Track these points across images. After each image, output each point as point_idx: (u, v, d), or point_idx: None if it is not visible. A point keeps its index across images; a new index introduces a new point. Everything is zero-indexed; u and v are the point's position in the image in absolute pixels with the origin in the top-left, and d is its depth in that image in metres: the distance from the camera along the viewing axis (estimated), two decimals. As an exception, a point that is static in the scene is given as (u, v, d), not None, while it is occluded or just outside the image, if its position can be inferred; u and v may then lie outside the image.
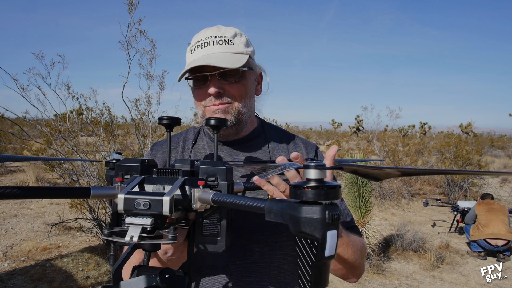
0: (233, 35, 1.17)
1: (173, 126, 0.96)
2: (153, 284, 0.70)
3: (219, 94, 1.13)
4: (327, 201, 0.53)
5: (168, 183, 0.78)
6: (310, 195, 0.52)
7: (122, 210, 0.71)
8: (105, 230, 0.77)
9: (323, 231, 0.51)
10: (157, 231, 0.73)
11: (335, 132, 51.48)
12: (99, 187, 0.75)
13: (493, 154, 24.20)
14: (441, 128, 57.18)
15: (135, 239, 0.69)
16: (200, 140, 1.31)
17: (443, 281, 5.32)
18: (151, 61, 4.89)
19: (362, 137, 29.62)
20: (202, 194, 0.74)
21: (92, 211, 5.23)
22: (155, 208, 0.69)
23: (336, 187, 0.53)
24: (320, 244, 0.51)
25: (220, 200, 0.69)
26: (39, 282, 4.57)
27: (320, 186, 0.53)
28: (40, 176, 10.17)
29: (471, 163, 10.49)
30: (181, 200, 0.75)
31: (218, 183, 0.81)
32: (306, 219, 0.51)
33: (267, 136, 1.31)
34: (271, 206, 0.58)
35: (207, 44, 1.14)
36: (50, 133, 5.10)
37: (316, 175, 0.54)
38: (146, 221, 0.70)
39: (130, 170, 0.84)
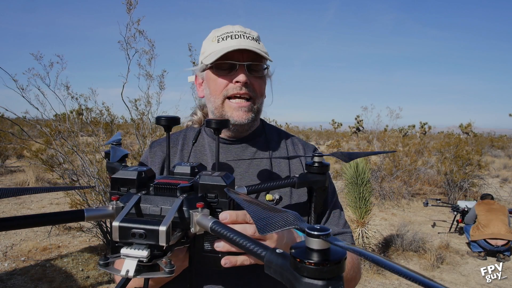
0: (257, 36, 1.22)
1: (171, 127, 0.94)
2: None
3: (246, 84, 1.14)
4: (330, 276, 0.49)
5: (165, 204, 0.75)
6: (312, 273, 0.48)
7: (117, 240, 0.68)
8: (101, 261, 0.74)
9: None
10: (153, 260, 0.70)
11: (335, 132, 51.48)
12: (93, 209, 0.73)
13: (493, 154, 24.19)
14: (441, 128, 57.19)
15: (130, 274, 0.67)
16: (201, 138, 1.30)
17: (443, 281, 5.32)
18: (150, 61, 4.89)
19: (362, 137, 29.62)
20: (201, 219, 0.71)
21: (92, 211, 5.22)
22: (150, 238, 0.67)
23: (341, 261, 0.49)
24: None
25: (219, 231, 0.66)
26: (39, 282, 4.57)
27: (324, 262, 0.48)
28: (40, 176, 10.17)
29: (471, 163, 10.48)
30: (179, 222, 0.72)
31: (219, 201, 0.78)
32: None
33: (267, 136, 1.32)
34: (271, 259, 0.54)
35: (237, 36, 1.16)
36: (50, 133, 5.10)
37: (319, 245, 0.48)
38: (143, 254, 0.67)
39: (127, 184, 0.81)
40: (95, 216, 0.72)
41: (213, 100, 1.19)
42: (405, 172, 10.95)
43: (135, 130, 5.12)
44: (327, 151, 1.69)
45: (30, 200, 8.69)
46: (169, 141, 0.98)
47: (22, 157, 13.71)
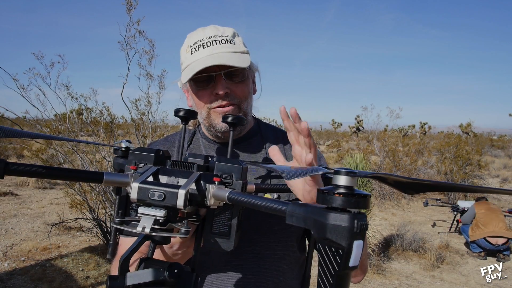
0: (232, 34, 1.16)
1: (189, 119, 0.95)
2: (161, 278, 0.68)
3: (226, 94, 1.11)
4: (355, 209, 0.51)
5: (183, 176, 0.76)
6: (340, 202, 0.50)
7: (135, 199, 0.69)
8: (116, 218, 0.75)
9: (350, 240, 0.49)
10: (169, 224, 0.71)
11: (335, 132, 51.47)
12: (113, 173, 0.73)
13: (493, 154, 24.19)
14: (441, 128, 57.20)
15: (147, 230, 0.67)
16: (196, 140, 1.30)
17: (443, 281, 5.32)
18: (151, 61, 4.90)
19: (362, 137, 29.62)
20: (217, 191, 0.72)
21: (92, 211, 5.23)
22: (169, 200, 0.68)
23: (367, 196, 0.51)
24: (346, 253, 0.49)
25: (237, 198, 0.66)
26: (39, 282, 4.57)
27: (351, 194, 0.51)
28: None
29: (471, 163, 10.48)
30: (196, 195, 0.73)
31: (233, 181, 0.80)
32: (333, 226, 0.49)
33: (263, 135, 1.30)
34: (293, 209, 0.56)
35: (210, 44, 1.11)
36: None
37: (346, 182, 0.52)
38: (160, 213, 0.68)
39: (144, 159, 0.82)
40: (113, 181, 0.73)
41: (200, 113, 1.17)
42: (405, 172, 10.95)
43: (135, 130, 5.12)
44: (327, 151, 1.70)
45: (30, 200, 8.69)
46: (185, 133, 0.97)
47: (22, 157, 13.72)
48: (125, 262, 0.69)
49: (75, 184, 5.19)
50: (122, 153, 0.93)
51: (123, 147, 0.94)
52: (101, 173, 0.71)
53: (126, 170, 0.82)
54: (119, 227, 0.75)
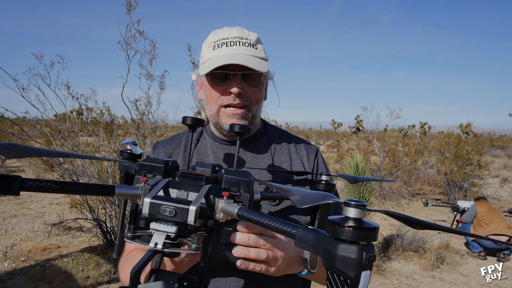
0: (256, 39, 1.19)
1: (196, 127, 0.97)
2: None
3: (239, 94, 1.14)
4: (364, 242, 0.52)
5: (192, 190, 0.78)
6: (350, 235, 0.51)
7: (147, 214, 0.70)
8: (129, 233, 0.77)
9: (358, 271, 0.50)
10: (179, 238, 0.73)
11: (335, 132, 51.48)
12: (124, 186, 0.75)
13: (493, 154, 24.19)
14: (441, 128, 57.18)
15: (159, 246, 0.69)
16: (203, 140, 1.31)
17: (443, 281, 5.33)
18: (151, 61, 4.89)
19: (362, 137, 29.61)
20: (226, 206, 0.74)
21: (92, 211, 5.23)
22: (180, 216, 0.69)
23: (376, 229, 0.53)
24: (354, 284, 0.51)
25: (246, 216, 0.68)
26: (39, 282, 4.57)
27: (360, 227, 0.52)
28: (40, 176, 10.17)
29: (471, 163, 10.48)
30: (205, 209, 0.75)
31: (241, 194, 0.81)
32: (342, 257, 0.51)
33: (269, 137, 1.32)
34: (303, 234, 0.57)
35: (233, 43, 1.14)
36: (50, 133, 5.10)
37: (355, 214, 0.53)
38: (171, 229, 0.70)
39: (153, 170, 0.83)
40: (124, 193, 0.74)
41: (209, 108, 1.20)
42: (405, 172, 10.95)
43: (135, 130, 5.12)
44: (327, 151, 1.70)
45: (30, 200, 8.69)
46: (192, 141, 0.99)
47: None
48: (136, 274, 0.71)
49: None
50: (128, 156, 0.94)
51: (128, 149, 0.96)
52: (113, 186, 0.73)
53: (136, 182, 0.83)
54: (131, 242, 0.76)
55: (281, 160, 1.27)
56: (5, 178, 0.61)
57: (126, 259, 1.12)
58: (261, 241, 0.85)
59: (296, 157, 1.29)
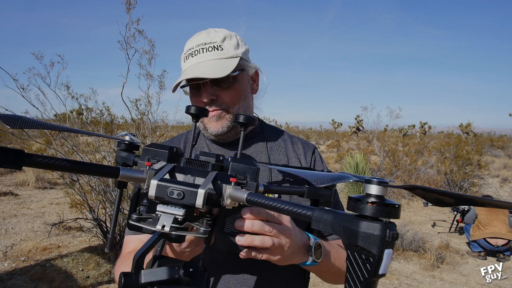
0: (222, 39, 1.18)
1: (200, 117, 0.94)
2: (176, 276, 0.67)
3: (212, 100, 1.15)
4: (387, 219, 0.51)
5: (199, 175, 0.76)
6: (373, 211, 0.51)
7: (153, 197, 0.68)
8: (134, 215, 0.74)
9: (381, 248, 0.49)
10: (186, 223, 0.71)
11: (335, 132, 51.50)
12: (129, 169, 0.73)
13: (493, 154, 24.20)
14: (441, 128, 57.17)
15: (167, 228, 0.67)
16: (200, 140, 1.32)
17: (443, 281, 5.32)
18: (151, 61, 4.89)
19: (362, 137, 29.61)
20: (234, 192, 0.71)
21: (92, 211, 5.23)
22: (188, 199, 0.67)
23: (398, 206, 0.52)
24: (376, 261, 0.50)
25: (256, 201, 0.65)
26: (39, 282, 4.57)
27: (383, 203, 0.51)
28: (40, 176, 10.17)
29: (471, 163, 10.48)
30: (212, 194, 0.73)
31: (247, 182, 0.79)
32: (365, 234, 0.50)
33: (265, 136, 1.31)
34: (320, 215, 0.56)
35: (197, 52, 1.16)
36: (50, 133, 5.10)
37: (378, 191, 0.52)
38: (179, 212, 0.68)
39: (157, 156, 0.81)
40: (129, 176, 0.72)
41: None
42: (405, 172, 10.95)
43: (135, 130, 5.12)
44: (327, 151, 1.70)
45: (30, 200, 8.69)
46: (195, 132, 0.97)
47: (22, 157, 13.72)
48: (140, 259, 0.68)
49: (75, 184, 5.19)
50: (125, 147, 0.92)
51: (126, 140, 0.93)
52: (118, 168, 0.71)
53: (139, 166, 0.81)
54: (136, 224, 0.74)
55: (278, 158, 1.27)
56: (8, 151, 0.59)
57: (124, 259, 1.12)
58: (267, 228, 0.83)
59: (293, 155, 1.29)
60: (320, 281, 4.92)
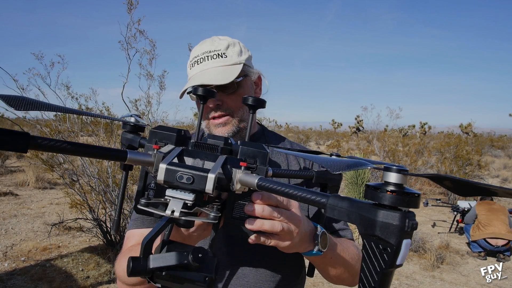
0: (226, 47, 1.22)
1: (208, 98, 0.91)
2: (185, 261, 0.65)
3: (218, 105, 1.19)
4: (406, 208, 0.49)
5: (208, 159, 0.74)
6: (392, 200, 0.49)
7: (162, 181, 0.66)
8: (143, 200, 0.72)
9: (400, 238, 0.48)
10: (196, 207, 0.69)
11: (335, 132, 51.50)
12: (137, 152, 0.70)
13: (493, 154, 24.20)
14: (441, 128, 57.18)
15: (176, 213, 0.65)
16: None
17: (443, 281, 5.32)
18: (151, 61, 4.90)
19: (362, 137, 29.62)
20: (244, 177, 0.69)
21: (92, 211, 5.23)
22: (198, 184, 0.65)
23: (419, 195, 0.50)
24: (394, 252, 0.48)
25: (267, 186, 0.63)
26: (39, 282, 4.57)
27: (403, 192, 0.49)
28: (40, 176, 10.17)
29: (471, 163, 10.48)
30: (222, 179, 0.71)
31: (257, 167, 0.77)
32: (383, 224, 0.48)
33: (268, 141, 1.33)
34: (336, 202, 0.54)
35: (202, 60, 1.21)
36: (50, 133, 5.10)
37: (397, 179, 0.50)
38: (189, 197, 0.66)
39: (165, 139, 0.79)
40: (137, 160, 0.69)
41: (203, 121, 1.26)
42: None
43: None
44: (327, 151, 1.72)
45: (30, 200, 8.69)
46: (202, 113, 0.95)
47: (22, 157, 13.71)
48: (148, 244, 0.67)
49: (75, 184, 5.19)
50: (131, 128, 0.89)
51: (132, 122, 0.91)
52: (125, 151, 0.68)
53: (147, 149, 0.79)
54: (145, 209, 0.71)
55: (278, 161, 1.28)
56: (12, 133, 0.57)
57: (126, 253, 1.11)
58: (276, 213, 0.82)
59: (293, 158, 1.31)
60: (320, 281, 4.92)
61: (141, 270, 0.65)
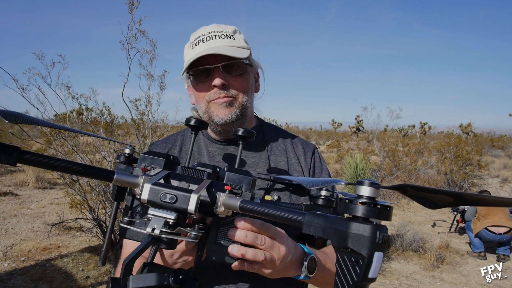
0: (233, 31, 1.18)
1: (200, 129, 0.94)
2: (165, 283, 0.66)
3: (223, 86, 1.12)
4: (377, 220, 0.50)
5: (193, 182, 0.75)
6: (363, 211, 0.50)
7: (146, 200, 0.68)
8: (125, 218, 0.74)
9: (371, 250, 0.48)
10: (178, 228, 0.70)
11: (335, 132, 51.49)
12: (124, 173, 0.72)
13: (493, 154, 24.19)
14: (441, 128, 57.17)
15: (156, 231, 0.66)
16: (198, 139, 1.29)
17: (443, 281, 5.32)
18: (152, 61, 4.89)
19: (362, 137, 29.61)
20: (228, 200, 0.71)
21: (92, 211, 5.23)
22: (181, 203, 0.67)
23: (390, 208, 0.51)
24: (366, 264, 0.49)
25: (249, 208, 0.65)
26: (39, 282, 4.57)
27: (374, 204, 0.50)
28: (40, 176, 10.17)
29: (471, 163, 10.49)
30: (206, 202, 0.72)
31: (242, 192, 0.79)
32: (355, 236, 0.49)
33: (265, 135, 1.30)
34: (311, 219, 0.55)
35: (209, 38, 1.13)
36: (50, 133, 5.09)
37: (369, 193, 0.51)
38: (170, 215, 0.67)
39: (154, 163, 0.81)
40: (123, 181, 0.71)
41: (200, 107, 1.18)
42: (405, 172, 10.95)
43: (135, 130, 5.12)
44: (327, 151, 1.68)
45: (30, 200, 8.69)
46: (193, 144, 0.96)
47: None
48: (129, 264, 0.67)
49: (75, 184, 5.19)
50: (124, 159, 0.91)
51: (126, 153, 0.93)
52: (112, 171, 0.70)
53: (135, 172, 0.80)
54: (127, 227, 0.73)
55: (278, 159, 1.25)
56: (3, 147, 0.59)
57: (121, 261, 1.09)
58: (259, 240, 0.81)
59: (293, 156, 1.28)
60: (320, 281, 4.92)
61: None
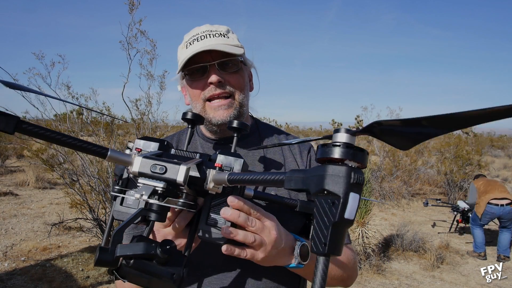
0: (226, 30, 1.19)
1: (196, 123, 0.97)
2: (152, 252, 0.66)
3: (220, 83, 1.12)
4: (353, 163, 0.52)
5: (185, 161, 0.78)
6: (339, 152, 0.52)
7: (137, 172, 0.70)
8: (116, 187, 0.77)
9: (346, 190, 0.50)
10: (167, 199, 0.73)
11: (335, 132, 51.42)
12: (117, 151, 0.73)
13: (493, 154, 24.19)
14: (441, 128, 56.94)
15: (145, 197, 0.69)
16: (193, 139, 1.30)
17: (443, 281, 5.32)
18: (152, 61, 4.90)
19: (362, 137, 29.58)
20: (217, 175, 0.73)
21: (92, 211, 5.23)
22: (170, 173, 0.70)
23: (365, 151, 0.53)
24: (342, 204, 0.50)
25: (236, 178, 0.67)
26: (39, 282, 4.57)
27: (348, 145, 0.52)
28: (40, 176, 10.17)
29: (471, 163, 10.48)
30: (196, 177, 0.74)
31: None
32: (331, 176, 0.51)
33: (261, 134, 1.30)
34: (292, 174, 0.58)
35: (203, 37, 1.14)
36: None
37: (345, 139, 0.53)
38: (159, 184, 0.70)
39: (148, 146, 0.86)
40: (116, 158, 0.72)
41: (195, 106, 1.18)
42: (405, 172, 10.95)
43: (136, 130, 5.12)
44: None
45: (30, 200, 8.69)
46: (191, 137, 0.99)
47: (22, 157, 13.72)
48: (118, 233, 0.67)
49: (75, 184, 5.19)
50: None
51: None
52: (107, 148, 0.72)
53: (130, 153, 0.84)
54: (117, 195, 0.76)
55: (274, 157, 1.25)
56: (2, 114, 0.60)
57: None
58: (250, 222, 0.84)
59: (289, 155, 1.27)
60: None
61: (107, 260, 0.64)
